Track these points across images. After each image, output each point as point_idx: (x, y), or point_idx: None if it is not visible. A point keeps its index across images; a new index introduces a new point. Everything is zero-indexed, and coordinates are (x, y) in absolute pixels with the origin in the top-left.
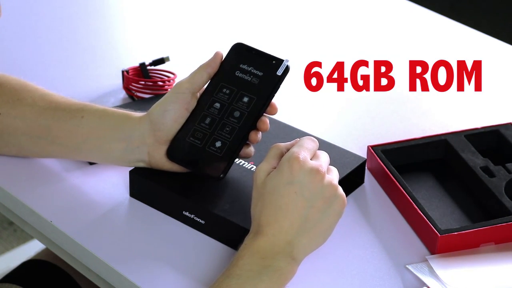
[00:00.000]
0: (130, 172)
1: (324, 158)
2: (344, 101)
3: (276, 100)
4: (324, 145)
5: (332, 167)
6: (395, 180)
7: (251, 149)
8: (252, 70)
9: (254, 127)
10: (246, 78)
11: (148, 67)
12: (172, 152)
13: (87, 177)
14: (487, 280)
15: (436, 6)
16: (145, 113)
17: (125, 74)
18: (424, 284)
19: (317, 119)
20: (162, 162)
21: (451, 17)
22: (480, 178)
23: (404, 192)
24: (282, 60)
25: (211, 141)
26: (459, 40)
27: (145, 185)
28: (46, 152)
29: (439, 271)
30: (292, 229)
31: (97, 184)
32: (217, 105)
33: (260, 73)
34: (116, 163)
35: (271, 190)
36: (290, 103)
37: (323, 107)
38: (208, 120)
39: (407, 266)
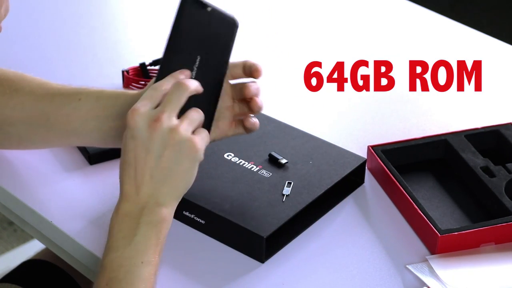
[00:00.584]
0: None
1: (173, 98)
2: (344, 101)
3: (276, 99)
4: (324, 145)
5: (192, 110)
6: (395, 180)
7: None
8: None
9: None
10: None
11: (148, 67)
12: None
13: (87, 177)
14: (487, 280)
15: (436, 6)
16: None
17: (125, 74)
18: (424, 284)
19: (317, 119)
20: None
21: (451, 17)
22: (480, 178)
23: (404, 192)
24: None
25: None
26: (459, 40)
27: None
28: (46, 140)
29: (439, 271)
30: (147, 184)
31: (97, 184)
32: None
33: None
34: (116, 143)
35: (122, 147)
36: (290, 103)
37: (323, 107)
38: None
39: (407, 266)
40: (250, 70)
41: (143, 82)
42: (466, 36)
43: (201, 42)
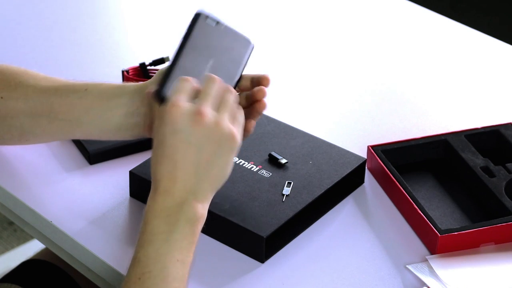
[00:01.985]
0: (130, 172)
1: (211, 91)
2: (344, 101)
3: (276, 99)
4: (324, 145)
5: (227, 95)
6: (395, 180)
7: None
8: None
9: None
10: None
11: (148, 67)
12: (161, 94)
13: (87, 177)
14: (487, 280)
15: (436, 6)
16: None
17: (125, 74)
18: (424, 284)
19: (317, 119)
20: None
21: (451, 17)
22: (480, 178)
23: (404, 192)
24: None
25: None
26: (459, 40)
27: (145, 185)
28: (48, 132)
29: (439, 271)
30: (188, 178)
31: (97, 184)
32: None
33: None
34: (116, 134)
35: (159, 143)
36: (290, 103)
37: (323, 107)
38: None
39: (407, 266)
40: (259, 80)
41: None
42: (466, 36)
43: (212, 49)
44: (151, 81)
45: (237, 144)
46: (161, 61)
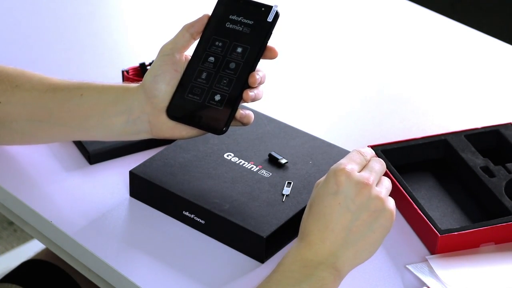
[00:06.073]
0: (130, 172)
1: (376, 168)
2: (344, 101)
3: (276, 99)
4: (324, 145)
5: (385, 178)
6: (395, 180)
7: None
8: (242, 20)
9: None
10: (237, 29)
11: (148, 67)
12: (172, 111)
13: (87, 177)
14: (487, 280)
15: (436, 6)
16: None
17: (125, 74)
18: (424, 284)
19: (317, 119)
20: (164, 129)
21: (451, 17)
22: (480, 178)
23: (404, 192)
24: (271, 7)
25: (210, 95)
26: (459, 40)
27: (145, 185)
28: (49, 136)
29: (439, 271)
30: (336, 241)
31: (97, 184)
32: (212, 58)
33: (250, 22)
34: (119, 138)
35: (317, 200)
36: (290, 103)
37: (323, 107)
38: (204, 75)
39: (407, 266)
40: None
41: None
42: (466, 36)
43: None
44: (142, 84)
45: (391, 225)
46: None
